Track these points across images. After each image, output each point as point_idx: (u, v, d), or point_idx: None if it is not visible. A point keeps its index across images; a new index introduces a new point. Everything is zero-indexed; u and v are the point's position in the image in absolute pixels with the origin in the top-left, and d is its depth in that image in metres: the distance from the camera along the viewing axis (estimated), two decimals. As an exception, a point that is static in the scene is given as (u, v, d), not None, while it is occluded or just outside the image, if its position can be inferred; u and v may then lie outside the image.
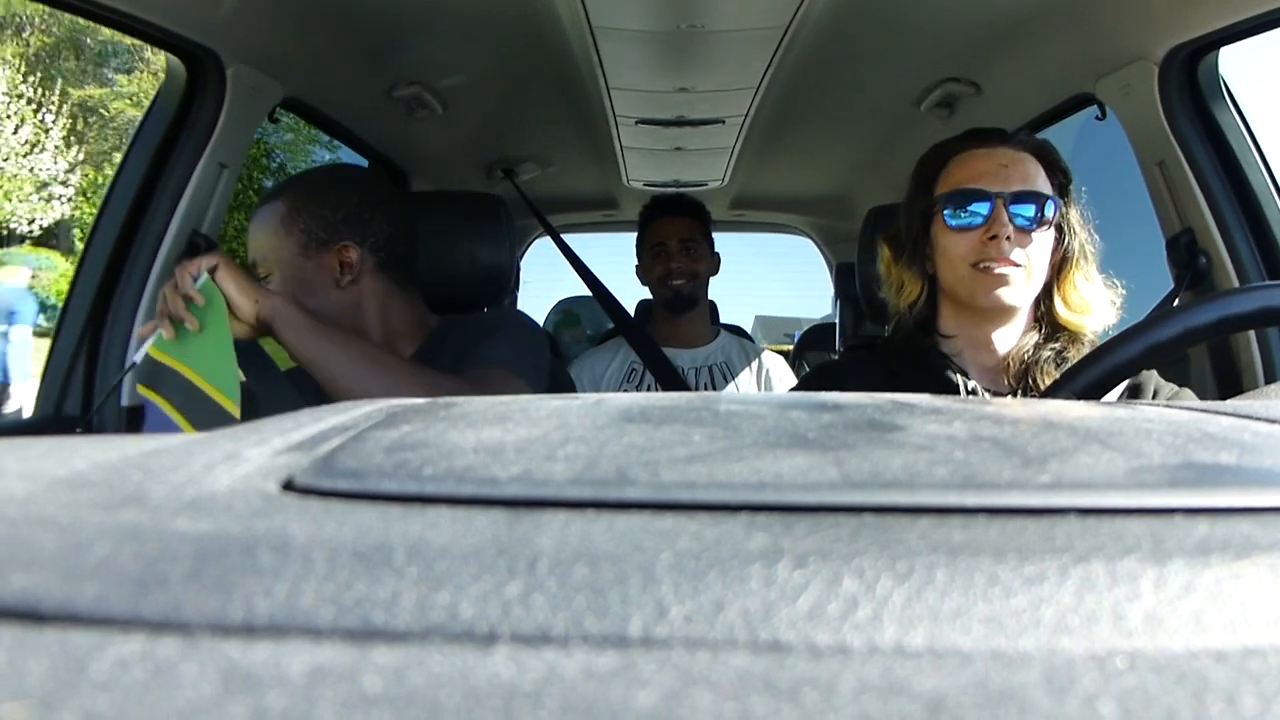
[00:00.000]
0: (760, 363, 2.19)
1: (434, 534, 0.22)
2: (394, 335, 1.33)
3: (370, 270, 1.31)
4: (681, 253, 2.16)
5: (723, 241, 2.36)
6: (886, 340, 1.31)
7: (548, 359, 1.34)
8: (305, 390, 1.23)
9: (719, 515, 0.23)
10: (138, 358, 1.15)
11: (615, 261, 2.64)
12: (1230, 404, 0.46)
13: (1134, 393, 1.14)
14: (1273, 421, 0.37)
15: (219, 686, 0.16)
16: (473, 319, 1.38)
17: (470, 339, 1.29)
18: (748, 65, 1.95)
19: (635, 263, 2.29)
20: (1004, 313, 1.15)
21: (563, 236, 2.57)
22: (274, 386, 1.29)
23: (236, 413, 1.11)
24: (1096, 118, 1.75)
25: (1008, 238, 1.10)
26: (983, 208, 1.12)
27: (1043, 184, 1.14)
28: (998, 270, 1.11)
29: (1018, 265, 1.11)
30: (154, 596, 0.19)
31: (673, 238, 2.17)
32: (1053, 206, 1.13)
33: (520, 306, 3.53)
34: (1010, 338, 1.17)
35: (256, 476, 0.27)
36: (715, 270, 2.26)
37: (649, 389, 2.08)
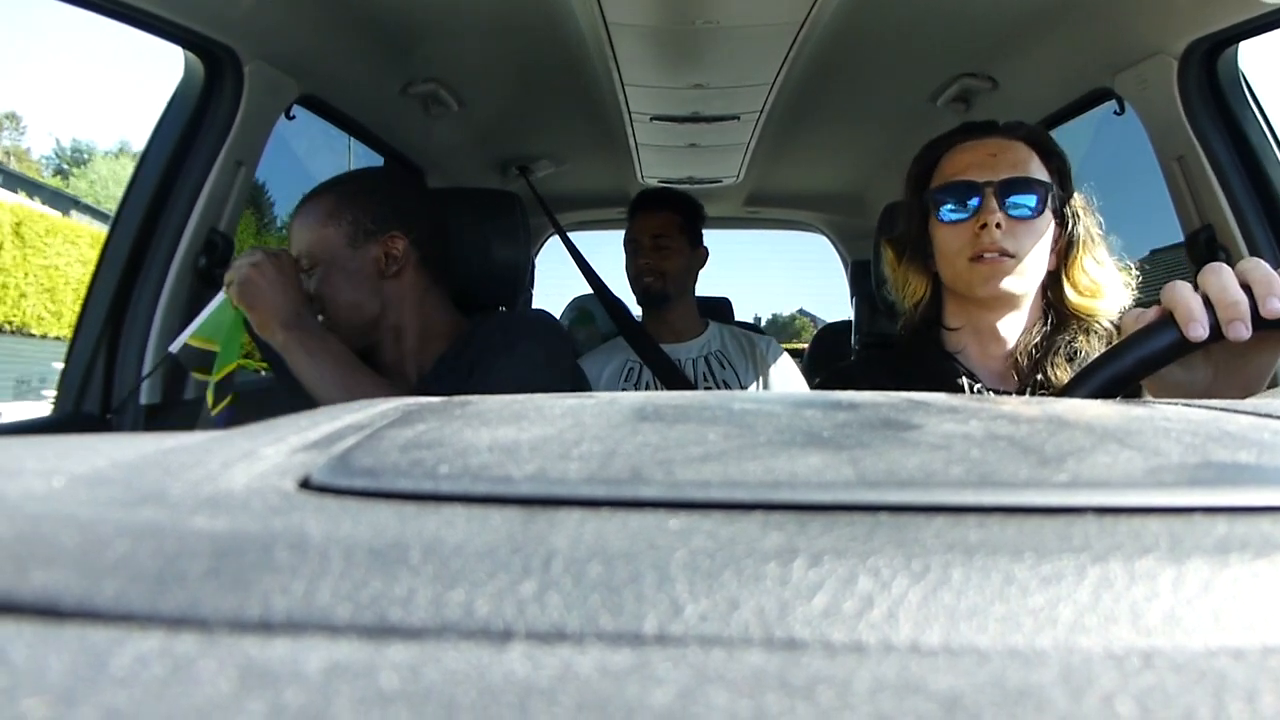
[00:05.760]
0: (754, 346, 2.16)
1: (449, 532, 0.22)
2: (429, 333, 1.35)
3: (413, 265, 1.34)
4: (652, 249, 2.12)
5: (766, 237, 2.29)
6: (896, 340, 1.30)
7: (571, 364, 1.34)
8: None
9: (733, 514, 0.23)
10: (175, 348, 1.19)
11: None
12: (1249, 403, 0.46)
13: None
14: None
15: (237, 683, 0.16)
16: (494, 321, 1.36)
17: (489, 348, 1.29)
18: (763, 61, 1.94)
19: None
20: (1005, 302, 1.13)
21: (578, 234, 2.56)
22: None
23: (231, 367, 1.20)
24: (1115, 113, 1.73)
25: (998, 225, 1.09)
26: (972, 199, 1.11)
27: (1036, 170, 1.12)
28: (990, 259, 1.09)
29: (1010, 255, 1.09)
30: (172, 593, 0.19)
31: (645, 233, 2.14)
32: (1047, 192, 1.11)
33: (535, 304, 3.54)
34: (1015, 328, 1.16)
35: (273, 474, 0.27)
36: (699, 265, 2.20)
37: (647, 386, 2.06)
